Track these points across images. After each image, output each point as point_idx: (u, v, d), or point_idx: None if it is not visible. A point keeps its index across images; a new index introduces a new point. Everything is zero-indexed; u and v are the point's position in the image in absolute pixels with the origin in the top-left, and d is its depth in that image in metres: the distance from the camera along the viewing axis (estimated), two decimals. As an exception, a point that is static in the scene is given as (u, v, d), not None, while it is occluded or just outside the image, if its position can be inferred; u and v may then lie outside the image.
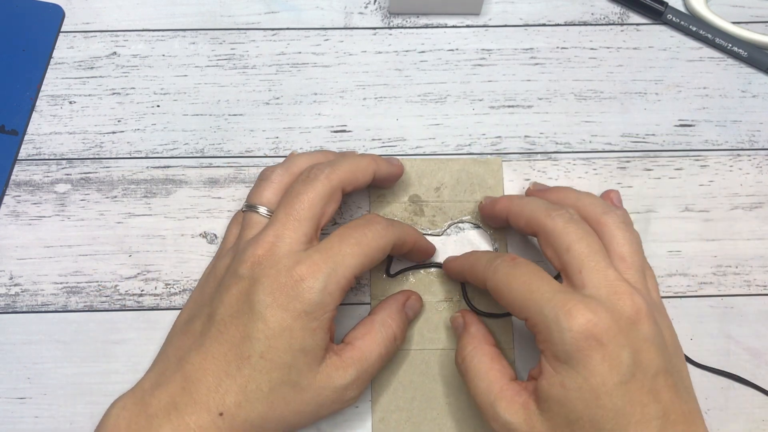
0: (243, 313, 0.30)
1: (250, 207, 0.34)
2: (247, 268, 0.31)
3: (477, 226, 0.39)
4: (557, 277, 0.31)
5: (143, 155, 0.40)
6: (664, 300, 0.35)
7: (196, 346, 0.31)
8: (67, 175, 0.40)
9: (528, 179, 0.40)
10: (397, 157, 0.40)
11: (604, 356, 0.28)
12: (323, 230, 0.33)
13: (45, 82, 0.42)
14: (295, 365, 0.30)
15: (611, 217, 0.32)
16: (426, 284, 0.38)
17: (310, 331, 0.30)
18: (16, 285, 0.38)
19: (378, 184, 0.37)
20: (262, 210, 0.34)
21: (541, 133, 0.41)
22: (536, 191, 0.37)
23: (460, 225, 0.39)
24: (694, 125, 0.41)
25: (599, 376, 0.28)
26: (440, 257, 0.38)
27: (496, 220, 0.36)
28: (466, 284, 0.37)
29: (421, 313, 0.37)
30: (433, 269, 0.38)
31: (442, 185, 0.39)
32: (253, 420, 0.30)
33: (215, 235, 0.39)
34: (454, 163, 0.40)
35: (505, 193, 0.39)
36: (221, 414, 0.30)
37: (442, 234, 0.38)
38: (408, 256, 0.36)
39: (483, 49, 0.43)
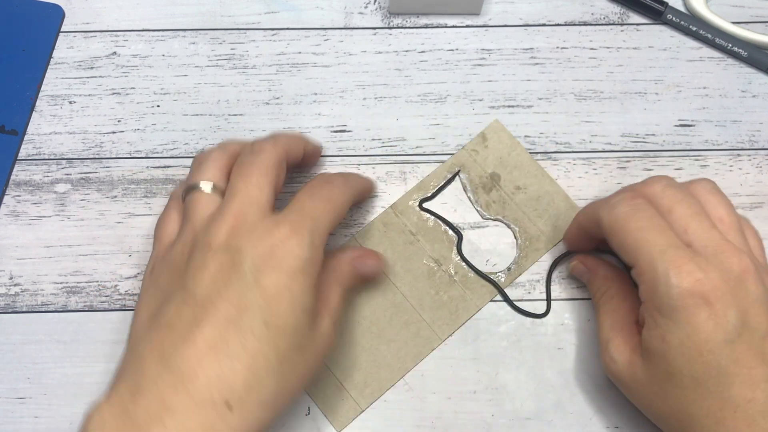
0: (232, 284, 0.28)
1: (192, 187, 0.32)
2: (220, 241, 0.29)
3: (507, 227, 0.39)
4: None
5: (143, 155, 0.40)
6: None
7: (181, 337, 0.27)
8: (67, 175, 0.40)
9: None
10: (398, 157, 0.40)
11: (710, 314, 0.28)
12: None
13: (45, 82, 0.42)
14: (299, 327, 0.29)
15: (700, 185, 0.33)
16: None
17: (308, 289, 0.29)
18: (16, 285, 0.38)
19: (303, 163, 0.37)
20: (207, 186, 0.32)
21: (541, 133, 0.41)
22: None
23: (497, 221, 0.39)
24: (694, 125, 0.41)
25: (703, 333, 0.28)
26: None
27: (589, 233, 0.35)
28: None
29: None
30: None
31: (523, 189, 0.39)
32: (265, 401, 0.28)
33: (215, 235, 0.39)
34: (547, 182, 0.39)
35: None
36: (229, 405, 0.27)
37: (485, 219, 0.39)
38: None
39: (483, 49, 0.43)
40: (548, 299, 0.37)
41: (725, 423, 0.28)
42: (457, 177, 0.39)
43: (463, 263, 0.38)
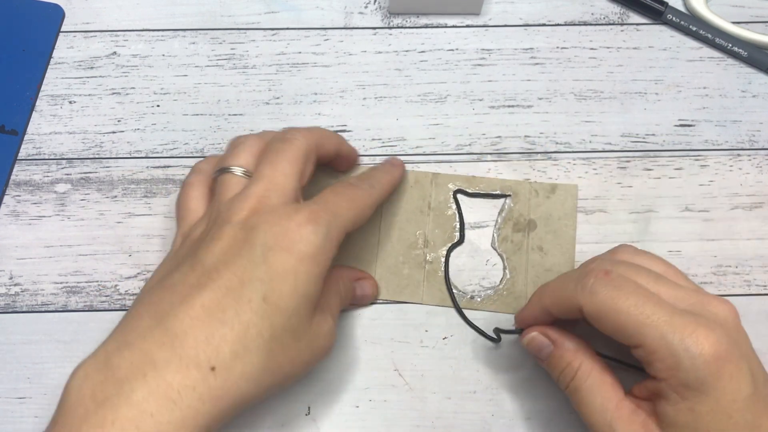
0: (240, 257, 0.28)
1: (225, 169, 0.33)
2: (240, 218, 0.30)
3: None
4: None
5: (143, 155, 0.40)
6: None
7: (180, 298, 0.28)
8: (67, 174, 0.40)
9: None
10: (399, 157, 0.40)
11: (732, 373, 0.27)
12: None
13: (45, 82, 0.42)
14: (297, 311, 0.29)
15: (624, 252, 0.32)
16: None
17: (314, 277, 0.29)
18: (16, 285, 0.38)
19: (337, 164, 0.38)
20: (239, 170, 0.32)
21: (541, 133, 0.41)
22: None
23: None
24: (694, 125, 0.41)
25: (730, 394, 0.27)
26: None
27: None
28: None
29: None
30: None
31: (544, 253, 0.38)
32: (249, 374, 0.27)
33: (215, 235, 0.39)
34: (568, 265, 0.38)
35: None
36: (213, 368, 0.26)
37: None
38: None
39: (483, 49, 0.43)
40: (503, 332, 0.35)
41: None
42: (504, 199, 0.39)
43: (442, 262, 0.38)
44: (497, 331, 0.35)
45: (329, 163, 0.38)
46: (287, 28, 0.43)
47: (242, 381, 0.27)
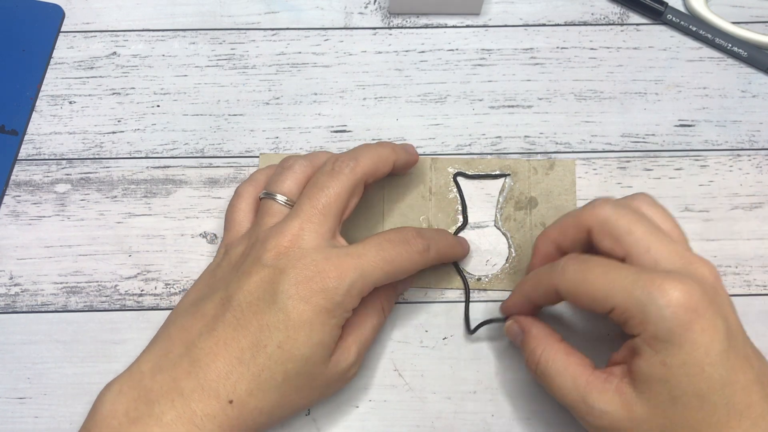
0: (263, 301, 0.30)
1: (269, 194, 0.34)
2: (271, 257, 0.31)
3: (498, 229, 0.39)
4: None
5: (143, 155, 0.40)
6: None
7: (207, 330, 0.30)
8: (67, 175, 0.40)
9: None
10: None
11: (704, 327, 0.27)
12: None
13: (45, 82, 0.42)
14: (311, 359, 0.30)
15: (641, 200, 0.32)
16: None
17: (329, 327, 0.30)
18: (16, 285, 0.38)
19: (393, 173, 0.37)
20: (281, 198, 0.33)
21: (541, 133, 0.41)
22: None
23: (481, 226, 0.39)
24: (694, 125, 0.41)
25: (702, 347, 0.27)
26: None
27: (546, 261, 0.34)
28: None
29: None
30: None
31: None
32: (263, 409, 0.30)
33: (215, 235, 0.39)
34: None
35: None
36: (231, 402, 0.29)
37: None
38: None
39: (483, 49, 0.43)
40: (475, 327, 0.36)
41: None
42: (503, 178, 0.39)
43: None
44: (486, 322, 0.36)
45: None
46: (287, 28, 0.43)
47: (256, 414, 0.30)
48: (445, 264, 0.38)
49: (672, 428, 0.29)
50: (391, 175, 0.36)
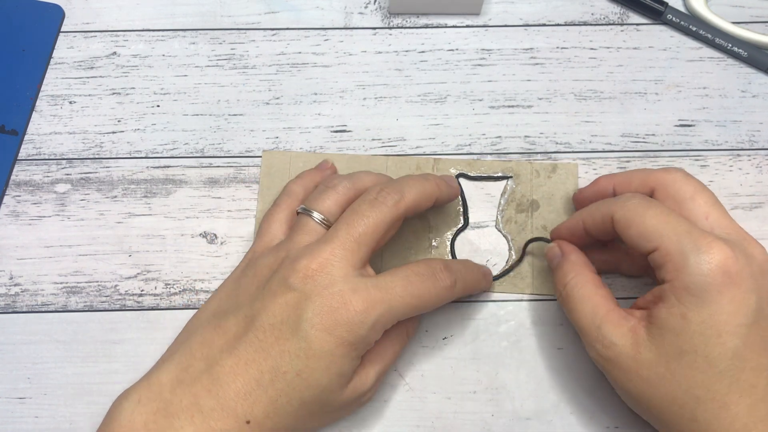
0: (286, 326, 0.30)
1: (307, 211, 0.33)
2: (298, 279, 0.30)
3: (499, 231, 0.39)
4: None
5: (143, 155, 0.40)
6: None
7: (228, 348, 0.30)
8: (67, 175, 0.40)
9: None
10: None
11: (735, 296, 0.28)
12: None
13: (45, 82, 0.42)
14: (328, 387, 0.30)
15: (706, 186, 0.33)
16: None
17: (349, 359, 0.30)
18: (16, 285, 0.38)
19: (435, 206, 0.36)
20: (318, 216, 0.33)
21: (541, 133, 0.41)
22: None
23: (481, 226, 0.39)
24: (694, 125, 0.41)
25: (725, 314, 0.28)
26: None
27: (599, 196, 0.35)
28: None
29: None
30: None
31: (548, 231, 0.38)
32: (278, 430, 0.30)
33: (215, 235, 0.39)
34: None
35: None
36: (248, 422, 0.29)
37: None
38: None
39: (483, 49, 0.43)
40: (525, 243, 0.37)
41: (729, 408, 0.28)
42: (505, 180, 0.39)
43: (448, 247, 0.38)
44: (534, 239, 0.37)
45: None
46: (287, 28, 0.43)
47: None
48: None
49: (671, 381, 0.29)
50: (434, 207, 0.35)
